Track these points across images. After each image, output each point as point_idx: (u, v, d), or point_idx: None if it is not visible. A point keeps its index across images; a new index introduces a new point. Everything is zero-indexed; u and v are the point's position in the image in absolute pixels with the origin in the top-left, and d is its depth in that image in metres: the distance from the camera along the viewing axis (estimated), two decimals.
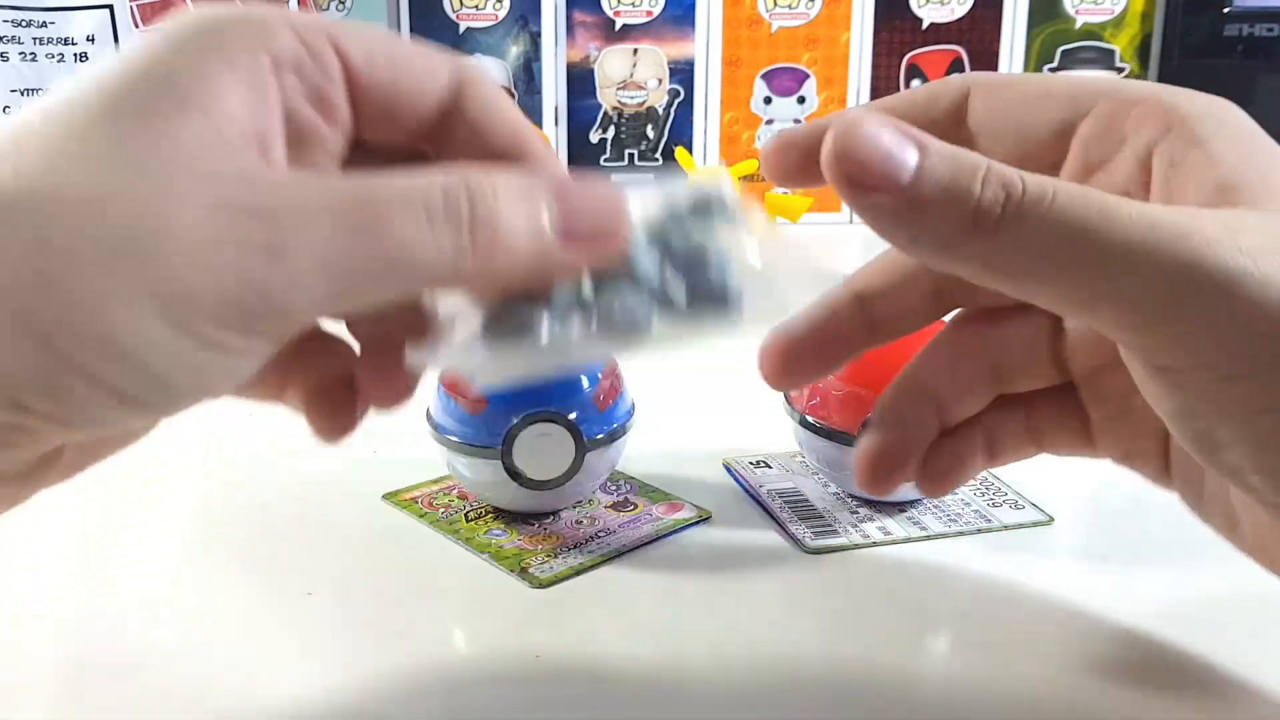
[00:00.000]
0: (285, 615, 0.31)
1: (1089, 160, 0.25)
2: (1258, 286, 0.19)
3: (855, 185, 0.20)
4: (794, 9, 0.95)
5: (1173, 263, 0.19)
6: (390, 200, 0.21)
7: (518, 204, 0.22)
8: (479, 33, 0.94)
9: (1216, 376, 0.20)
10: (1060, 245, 0.20)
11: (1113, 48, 0.98)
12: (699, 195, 0.24)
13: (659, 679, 0.28)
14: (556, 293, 0.23)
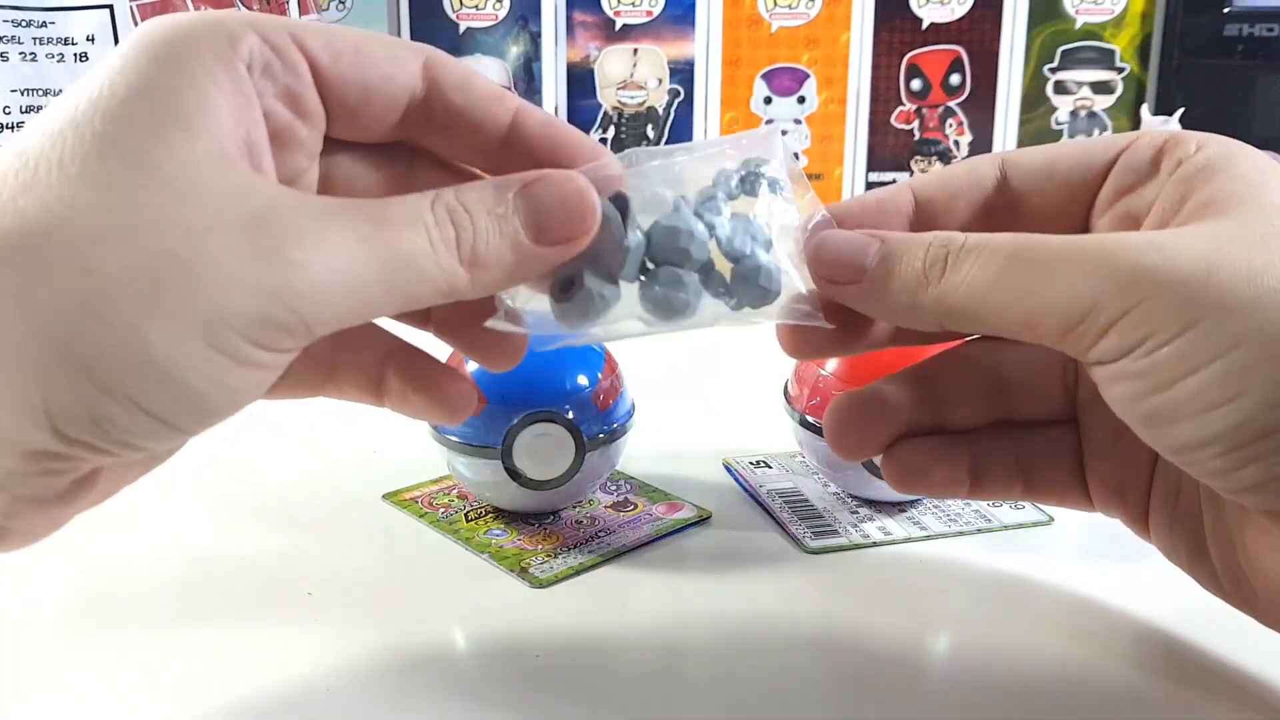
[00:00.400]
0: (286, 615, 0.31)
1: (1121, 186, 0.27)
2: (1166, 274, 0.22)
3: (834, 282, 0.25)
4: (794, 9, 0.95)
5: (1091, 265, 0.22)
6: (399, 222, 0.22)
7: (493, 219, 0.23)
8: (479, 32, 0.94)
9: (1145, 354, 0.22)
10: (996, 275, 0.23)
11: (1113, 48, 0.98)
12: (749, 170, 0.26)
13: (659, 679, 0.28)
14: (615, 266, 0.25)
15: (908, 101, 0.98)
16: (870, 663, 0.29)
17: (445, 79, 0.26)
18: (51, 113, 0.21)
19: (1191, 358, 0.22)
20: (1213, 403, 0.22)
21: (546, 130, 0.26)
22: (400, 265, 0.22)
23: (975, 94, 0.98)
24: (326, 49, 0.24)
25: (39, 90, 0.67)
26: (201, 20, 0.23)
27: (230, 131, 0.22)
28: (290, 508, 0.38)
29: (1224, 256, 0.22)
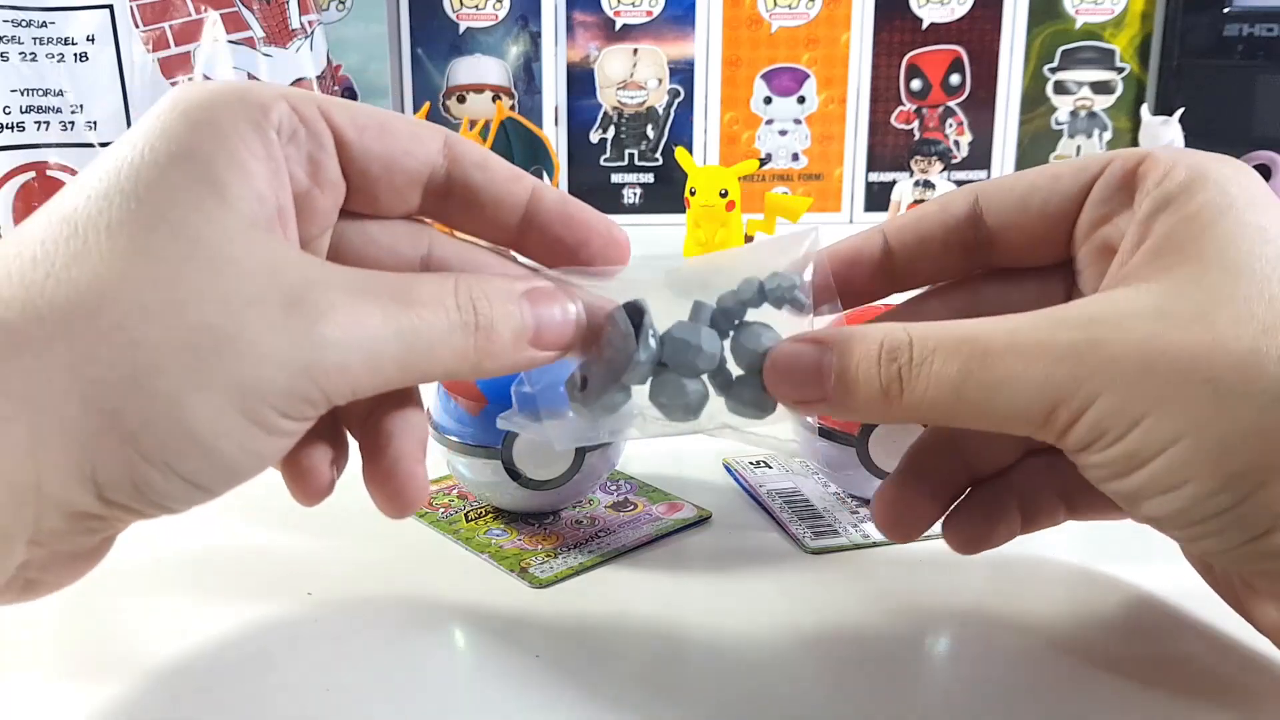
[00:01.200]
0: (285, 615, 0.31)
1: (1096, 216, 0.27)
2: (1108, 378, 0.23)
3: (802, 405, 0.26)
4: (794, 9, 0.95)
5: (1039, 377, 0.23)
6: (425, 305, 0.24)
7: (505, 314, 0.25)
8: (479, 32, 0.94)
9: (1102, 449, 0.24)
10: (954, 388, 0.24)
11: (1113, 48, 0.98)
12: (774, 284, 0.27)
13: (659, 679, 0.28)
14: (624, 375, 0.26)
15: (908, 101, 0.98)
16: (870, 663, 0.29)
17: (466, 158, 0.27)
18: (93, 177, 0.22)
19: (1139, 453, 0.23)
20: (1164, 488, 0.23)
21: (562, 208, 0.28)
22: (418, 344, 0.23)
23: (975, 94, 0.98)
24: (352, 123, 0.25)
25: (39, 90, 0.67)
26: (235, 89, 0.24)
27: (263, 197, 0.23)
28: (290, 507, 0.38)
29: (1159, 343, 0.23)
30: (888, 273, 0.30)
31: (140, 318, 0.20)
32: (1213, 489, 0.23)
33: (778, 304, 0.27)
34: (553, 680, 0.28)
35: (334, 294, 0.22)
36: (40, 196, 0.67)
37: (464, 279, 0.25)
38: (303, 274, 0.22)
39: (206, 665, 0.29)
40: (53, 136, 0.67)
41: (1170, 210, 0.25)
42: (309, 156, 0.25)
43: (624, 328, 0.26)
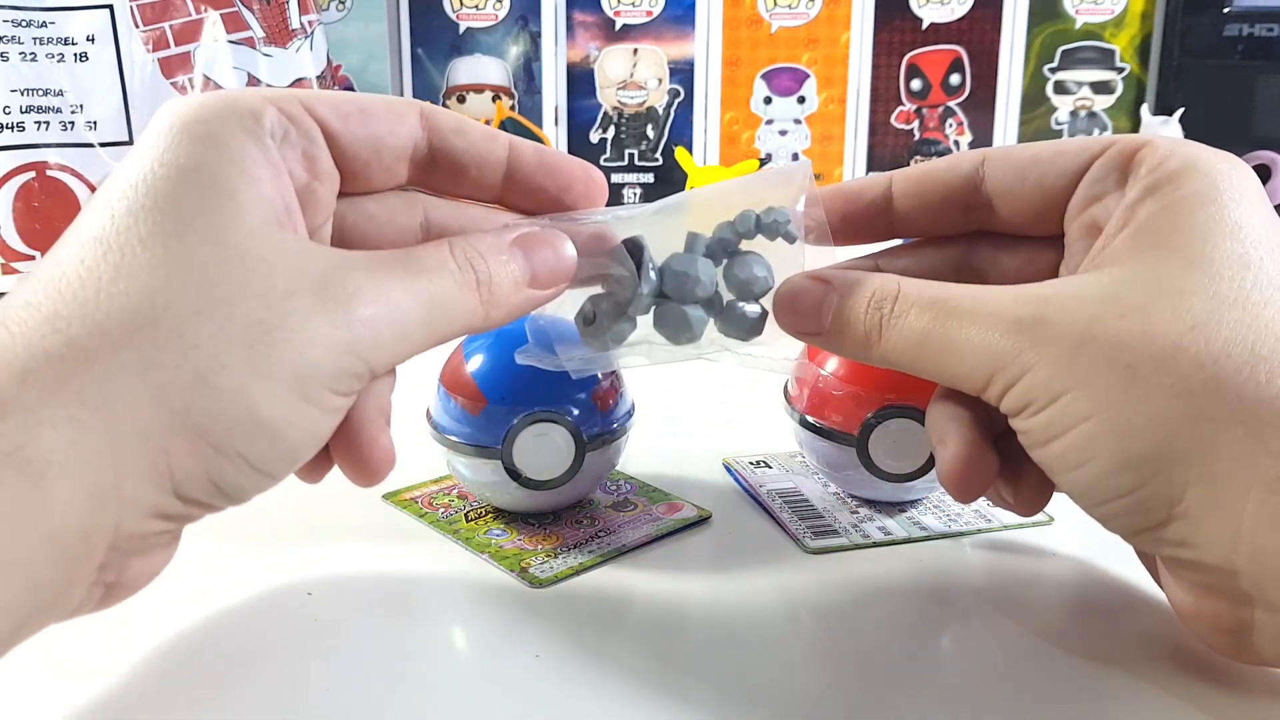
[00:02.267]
0: (285, 614, 0.31)
1: (1088, 195, 0.29)
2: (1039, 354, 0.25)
3: (800, 333, 0.29)
4: (794, 9, 0.95)
5: (986, 344, 0.26)
6: (434, 272, 0.26)
7: (499, 264, 0.27)
8: (479, 32, 0.94)
9: (1027, 417, 0.26)
10: (916, 343, 0.27)
11: (1113, 48, 0.98)
12: (768, 218, 0.29)
13: (659, 679, 0.28)
14: (628, 305, 0.29)
15: (908, 101, 0.98)
16: (870, 662, 0.29)
17: (443, 126, 0.29)
18: (112, 197, 0.24)
19: (1055, 425, 0.25)
20: (1071, 464, 0.25)
21: (540, 159, 0.29)
22: (437, 308, 0.25)
23: (975, 94, 0.98)
24: (335, 113, 0.27)
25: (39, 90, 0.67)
26: (224, 101, 0.25)
27: (271, 200, 0.25)
28: (290, 508, 0.38)
29: (1096, 328, 0.25)
30: (887, 217, 0.32)
31: (195, 321, 0.22)
32: (1114, 469, 0.24)
33: (771, 236, 0.29)
34: (553, 680, 0.28)
35: (355, 276, 0.24)
36: (40, 196, 0.66)
37: (456, 242, 0.27)
38: (324, 263, 0.24)
39: (206, 665, 0.29)
40: (53, 136, 0.67)
41: (1156, 197, 0.26)
42: (303, 153, 0.26)
43: (626, 263, 0.28)
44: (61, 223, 0.67)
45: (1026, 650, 0.30)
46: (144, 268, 0.22)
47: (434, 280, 0.26)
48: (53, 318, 0.22)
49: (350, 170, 0.28)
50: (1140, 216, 0.26)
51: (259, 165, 0.24)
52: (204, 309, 0.22)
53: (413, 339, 0.25)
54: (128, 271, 0.22)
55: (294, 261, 0.24)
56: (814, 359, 0.38)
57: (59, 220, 0.67)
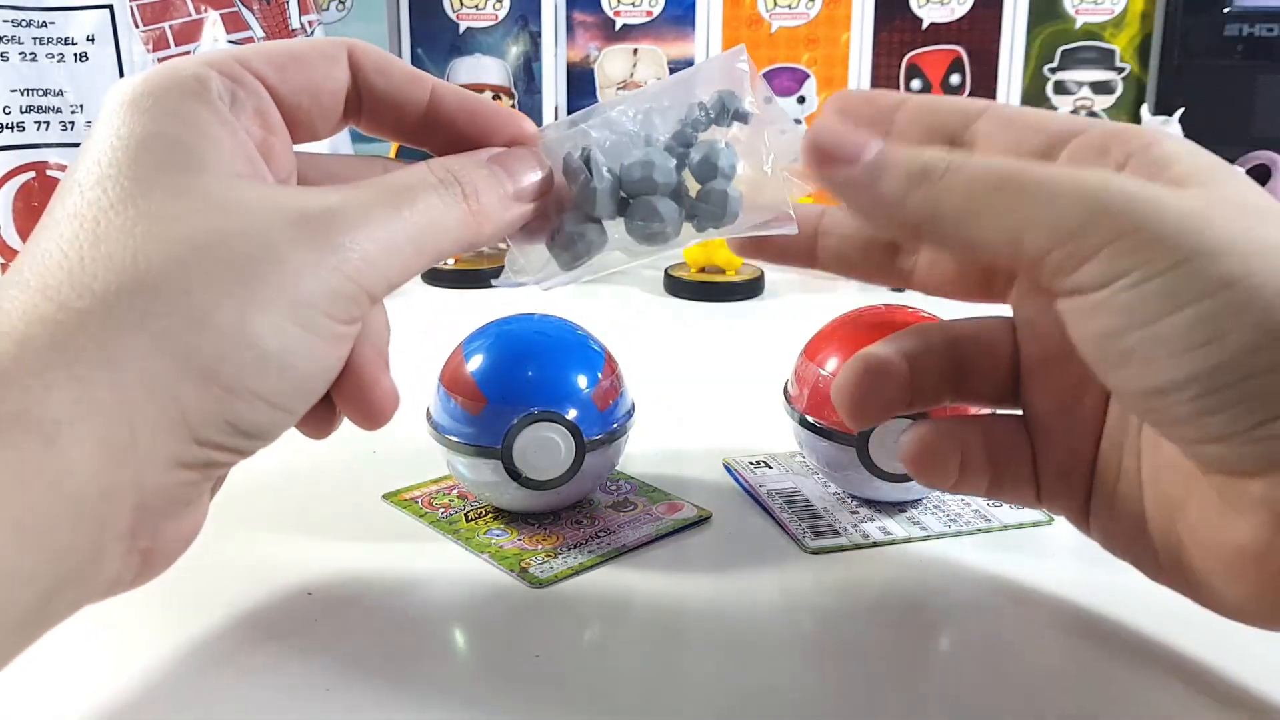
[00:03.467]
0: (285, 614, 0.31)
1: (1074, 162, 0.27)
2: (1162, 206, 0.22)
3: (827, 160, 0.26)
4: (794, 9, 0.95)
5: (1086, 187, 0.22)
6: (413, 187, 0.26)
7: (482, 174, 0.27)
8: (479, 32, 0.94)
9: (1132, 285, 0.22)
10: (989, 187, 0.24)
11: (1113, 48, 0.98)
12: (718, 100, 0.28)
13: (659, 679, 0.28)
14: (590, 208, 0.28)
15: None
16: (870, 662, 0.29)
17: (366, 65, 0.28)
18: (79, 176, 0.24)
19: (1180, 294, 0.21)
20: (1195, 342, 0.21)
21: (463, 104, 0.29)
22: (426, 226, 0.25)
23: (975, 94, 0.98)
24: (271, 66, 0.27)
25: (39, 90, 0.67)
26: (167, 73, 0.25)
27: (234, 155, 0.25)
28: (289, 507, 0.38)
29: (1219, 207, 0.22)
30: None
31: (179, 268, 0.22)
32: (1258, 342, 0.21)
33: (723, 121, 0.28)
34: (552, 680, 0.28)
35: (332, 201, 0.24)
36: (40, 196, 0.66)
37: (434, 160, 0.27)
38: (300, 198, 0.24)
39: (206, 665, 0.29)
40: (53, 136, 0.67)
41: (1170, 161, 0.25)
42: (255, 111, 0.26)
43: (575, 165, 0.28)
44: None
45: (1027, 650, 0.30)
46: (120, 229, 0.22)
47: (417, 196, 0.25)
48: (42, 289, 0.22)
49: (294, 120, 0.28)
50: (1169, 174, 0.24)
51: (214, 126, 0.25)
52: (185, 256, 0.22)
53: (405, 255, 0.25)
54: (105, 236, 0.22)
55: (269, 201, 0.24)
56: (814, 359, 0.38)
57: None
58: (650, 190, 0.28)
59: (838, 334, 0.38)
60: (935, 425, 0.30)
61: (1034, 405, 0.29)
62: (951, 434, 0.30)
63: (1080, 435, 0.28)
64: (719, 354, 0.60)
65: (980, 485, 0.30)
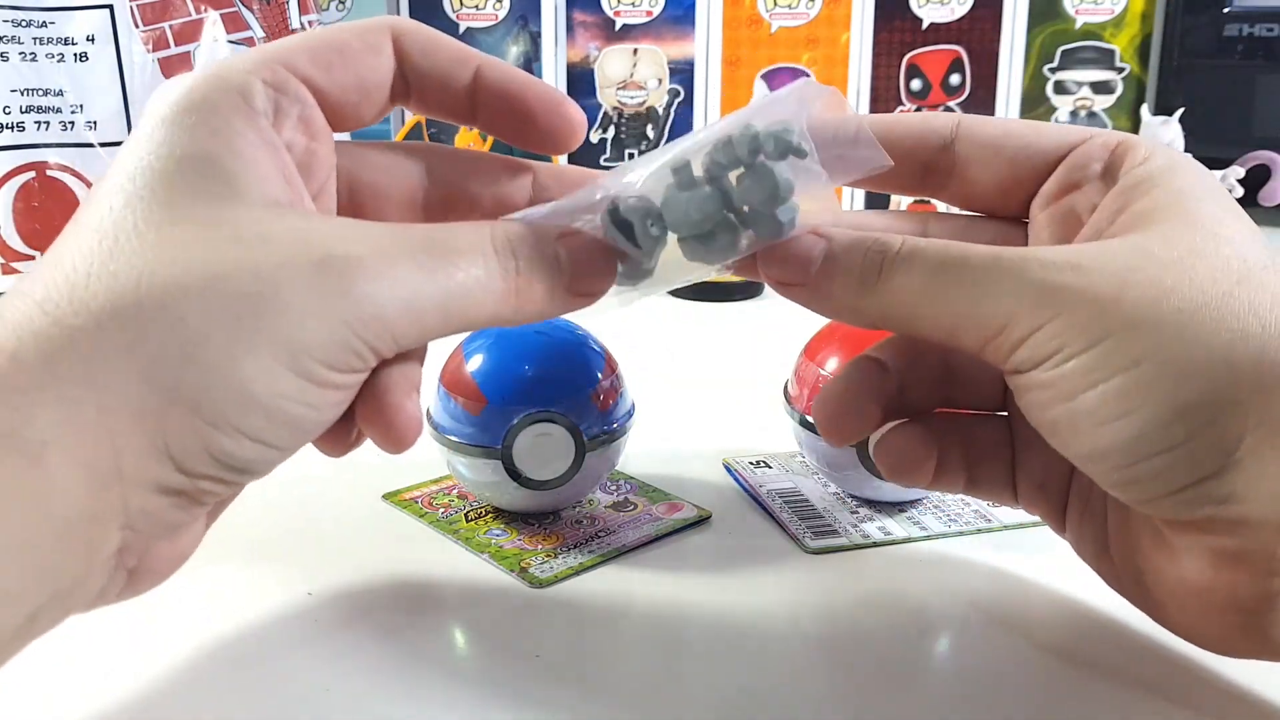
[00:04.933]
0: (285, 614, 0.31)
1: (1068, 180, 0.28)
2: (1078, 292, 0.23)
3: (783, 284, 0.27)
4: (794, 9, 0.95)
5: (1011, 282, 0.24)
6: (458, 250, 0.24)
7: (542, 260, 0.25)
8: (479, 32, 0.94)
9: (1054, 365, 0.23)
10: (923, 287, 0.25)
11: (1113, 48, 0.98)
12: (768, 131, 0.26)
13: (659, 679, 0.28)
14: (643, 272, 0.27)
15: (907, 101, 0.98)
16: (870, 662, 0.29)
17: (412, 49, 0.27)
18: (109, 190, 0.23)
19: (1094, 371, 0.23)
20: (1110, 416, 0.23)
21: (505, 85, 0.28)
22: (457, 294, 0.24)
23: (975, 94, 0.98)
24: (315, 64, 0.26)
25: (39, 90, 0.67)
26: (214, 83, 0.25)
27: (271, 179, 0.24)
28: (290, 507, 0.38)
29: (1137, 275, 0.23)
30: None
31: (181, 295, 0.21)
32: (1166, 418, 0.22)
33: (774, 156, 0.26)
34: (552, 680, 0.28)
35: (361, 248, 0.23)
36: (40, 196, 0.66)
37: (499, 226, 0.25)
38: (329, 235, 0.23)
39: (206, 665, 0.29)
40: (53, 136, 0.67)
41: (1154, 189, 0.26)
42: (299, 119, 0.26)
43: (612, 234, 0.26)
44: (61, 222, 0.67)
45: (1026, 650, 0.30)
46: (135, 251, 0.22)
47: (460, 263, 0.24)
48: (43, 302, 0.21)
49: (339, 115, 0.27)
50: (1141, 205, 0.25)
51: (255, 147, 0.24)
52: (191, 285, 0.22)
53: (426, 323, 0.24)
54: (119, 255, 0.22)
55: (294, 236, 0.23)
56: (814, 359, 0.38)
57: (59, 220, 0.67)
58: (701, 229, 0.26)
59: (838, 334, 0.38)
60: (910, 429, 0.30)
61: (1018, 419, 0.29)
62: (927, 436, 0.30)
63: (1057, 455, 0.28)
64: (719, 354, 0.60)
65: (957, 484, 0.30)
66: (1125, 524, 0.27)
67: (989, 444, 0.30)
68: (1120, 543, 0.28)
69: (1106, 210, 0.26)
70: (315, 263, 0.22)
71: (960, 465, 0.30)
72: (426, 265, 0.24)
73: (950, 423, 0.30)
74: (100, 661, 0.29)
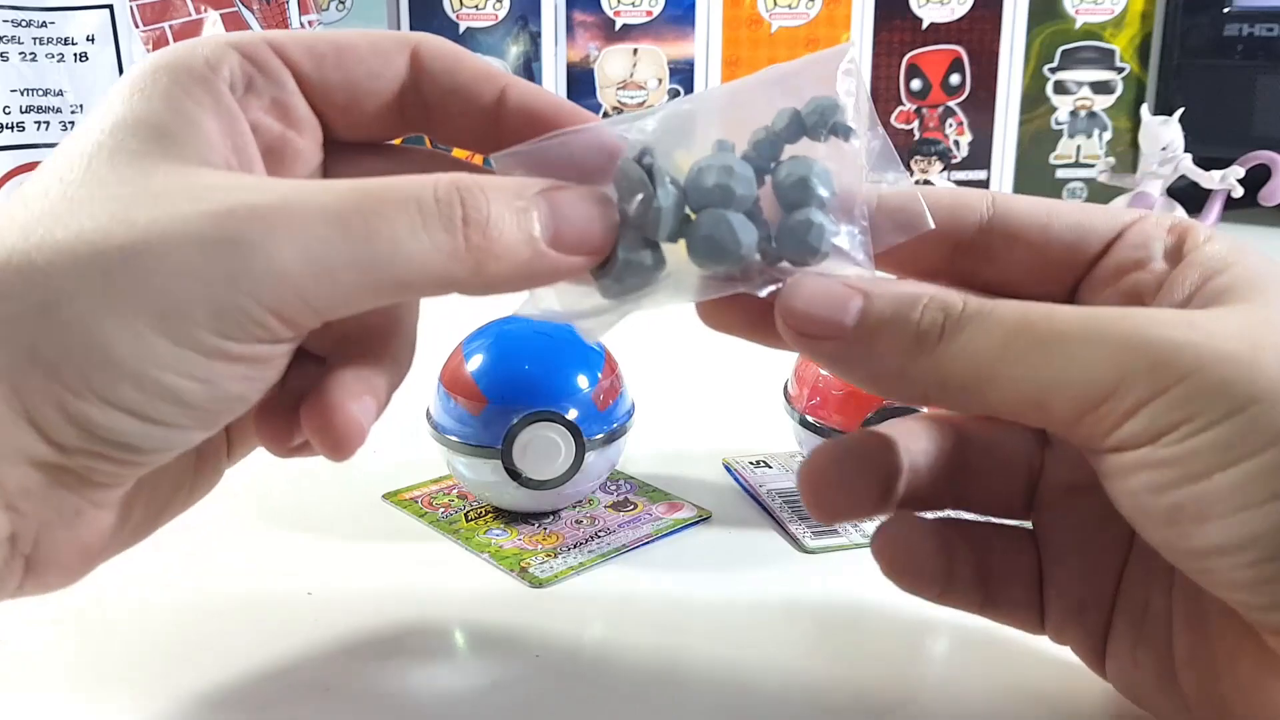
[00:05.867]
0: (285, 614, 0.31)
1: (1125, 260, 0.25)
2: (1208, 351, 0.19)
3: (806, 336, 0.22)
4: (794, 9, 0.95)
5: (1117, 340, 0.20)
6: (383, 199, 0.21)
7: (510, 209, 0.21)
8: (479, 33, 0.94)
9: (1179, 439, 0.20)
10: (1002, 346, 0.21)
11: (1113, 48, 0.98)
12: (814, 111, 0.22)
13: (659, 678, 0.28)
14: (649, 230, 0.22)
15: (908, 101, 0.98)
16: (870, 662, 0.29)
17: (433, 65, 0.25)
18: (60, 152, 0.22)
19: (1234, 447, 0.19)
20: (1251, 500, 0.19)
21: (526, 106, 0.25)
22: (384, 252, 0.20)
23: (975, 94, 0.98)
24: (308, 54, 0.24)
25: (39, 90, 0.67)
26: (184, 49, 0.23)
27: (216, 145, 0.22)
28: (290, 507, 0.38)
29: (1264, 340, 0.20)
30: None
31: (51, 250, 0.19)
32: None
33: (817, 135, 0.22)
34: (552, 679, 0.28)
35: (268, 199, 0.20)
36: None
37: (453, 175, 0.21)
38: (236, 188, 0.20)
39: (207, 665, 0.29)
40: (53, 136, 0.68)
41: (1231, 267, 0.23)
42: (273, 101, 0.24)
43: (636, 175, 0.22)
44: None
45: (1026, 650, 0.30)
46: (44, 210, 0.20)
47: (383, 209, 0.20)
48: None
49: (329, 117, 0.25)
50: (1222, 278, 0.22)
51: (205, 112, 0.22)
52: (62, 240, 0.19)
53: (344, 284, 0.20)
54: (26, 213, 0.20)
55: (192, 190, 0.20)
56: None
57: None
58: (724, 203, 0.22)
59: None
60: (916, 521, 0.26)
61: (1050, 529, 0.26)
62: (937, 535, 0.26)
63: (1102, 567, 0.25)
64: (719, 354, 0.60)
65: (971, 602, 0.26)
66: (1207, 645, 0.23)
67: (1010, 558, 0.26)
68: (1199, 669, 0.23)
69: (1180, 285, 0.23)
70: (209, 215, 0.20)
71: (974, 580, 0.26)
72: (343, 218, 0.20)
73: (963, 529, 0.26)
74: (100, 661, 0.29)
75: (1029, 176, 0.99)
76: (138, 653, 0.29)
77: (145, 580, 0.34)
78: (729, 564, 0.34)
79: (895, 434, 0.26)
